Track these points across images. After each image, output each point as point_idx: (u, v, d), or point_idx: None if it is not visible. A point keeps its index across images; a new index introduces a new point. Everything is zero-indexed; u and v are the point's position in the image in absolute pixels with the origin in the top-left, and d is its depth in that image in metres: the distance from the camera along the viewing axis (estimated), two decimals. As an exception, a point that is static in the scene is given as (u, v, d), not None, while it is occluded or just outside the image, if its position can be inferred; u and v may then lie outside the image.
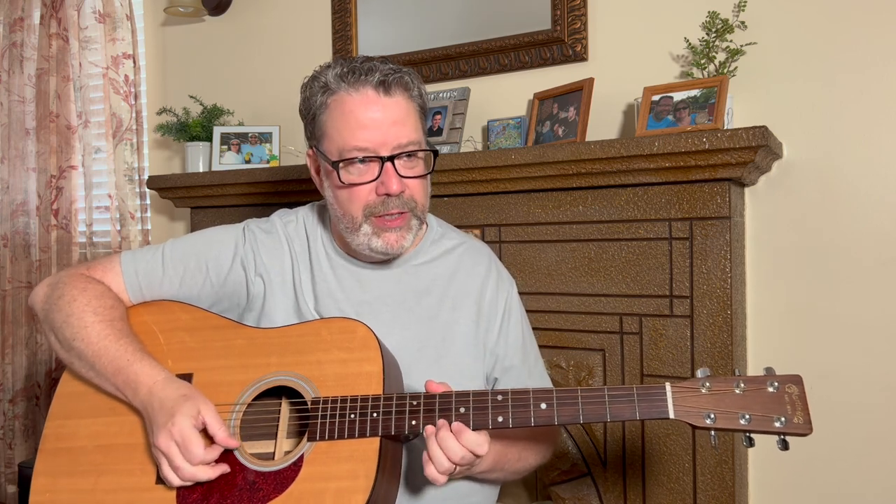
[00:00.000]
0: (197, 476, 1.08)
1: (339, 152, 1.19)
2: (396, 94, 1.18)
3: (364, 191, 1.19)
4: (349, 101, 1.18)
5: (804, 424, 0.97)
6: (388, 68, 1.18)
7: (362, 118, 1.17)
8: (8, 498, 2.97)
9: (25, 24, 2.95)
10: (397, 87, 1.18)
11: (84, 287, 1.25)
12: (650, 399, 1.01)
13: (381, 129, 1.17)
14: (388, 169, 1.17)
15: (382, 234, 1.21)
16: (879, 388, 1.76)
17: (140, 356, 1.18)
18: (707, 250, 1.71)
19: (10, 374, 2.98)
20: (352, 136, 1.17)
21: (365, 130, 1.17)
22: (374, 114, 1.17)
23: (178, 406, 1.10)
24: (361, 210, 1.20)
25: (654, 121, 1.79)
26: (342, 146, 1.18)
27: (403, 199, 1.19)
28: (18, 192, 2.99)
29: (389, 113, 1.18)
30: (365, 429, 1.08)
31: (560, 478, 1.91)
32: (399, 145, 1.18)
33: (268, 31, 2.64)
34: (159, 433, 1.09)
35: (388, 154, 1.17)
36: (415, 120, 1.21)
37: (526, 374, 1.34)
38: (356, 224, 1.21)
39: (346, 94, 1.18)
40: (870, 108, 1.76)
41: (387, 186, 1.17)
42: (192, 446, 1.07)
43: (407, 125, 1.19)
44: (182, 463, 1.07)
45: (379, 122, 1.17)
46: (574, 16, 2.06)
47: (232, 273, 1.30)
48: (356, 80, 1.17)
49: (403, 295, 1.29)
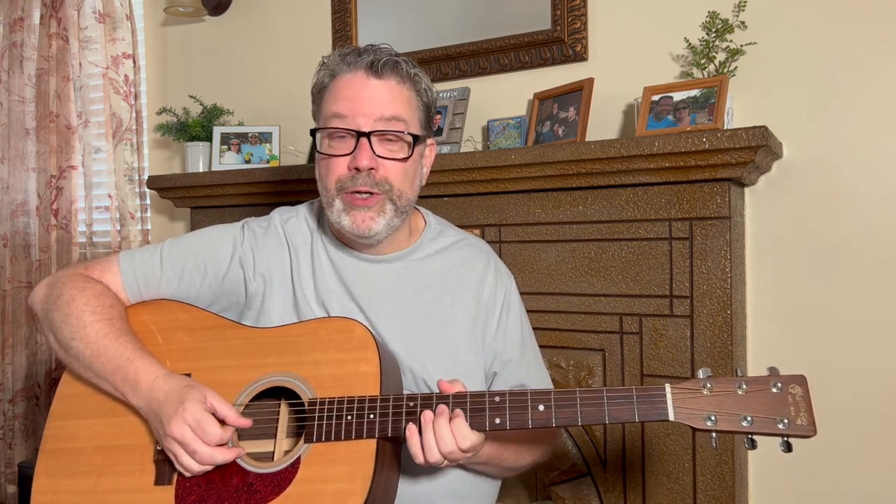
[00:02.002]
0: (215, 458, 1.08)
1: (322, 121, 1.23)
2: (388, 76, 1.21)
3: (339, 163, 1.21)
4: (342, 79, 1.22)
5: (808, 426, 0.95)
6: (387, 55, 1.21)
7: (347, 89, 1.21)
8: (8, 498, 2.97)
9: (25, 24, 2.95)
10: (390, 72, 1.21)
11: (83, 286, 1.25)
12: (650, 401, 1.00)
13: (363, 101, 1.19)
14: (363, 143, 1.18)
15: (351, 212, 1.21)
16: (880, 388, 1.75)
17: (139, 354, 1.18)
18: (707, 250, 1.71)
19: (10, 374, 2.98)
20: (333, 103, 1.21)
21: (346, 100, 1.20)
22: (360, 87, 1.20)
23: (185, 393, 1.10)
24: (334, 183, 1.21)
25: (654, 121, 1.79)
26: (325, 114, 1.22)
27: (374, 178, 1.19)
28: (18, 192, 2.99)
29: (376, 91, 1.20)
30: (362, 430, 1.08)
31: (560, 478, 1.91)
32: (382, 118, 1.19)
33: (268, 31, 2.63)
34: (171, 422, 1.08)
35: (367, 130, 1.19)
36: (404, 104, 1.22)
37: (525, 369, 1.34)
38: (330, 198, 1.22)
39: (342, 73, 1.22)
40: (870, 108, 1.76)
41: (357, 160, 1.18)
42: (208, 426, 1.07)
43: (393, 104, 1.20)
44: (199, 446, 1.07)
45: (360, 94, 1.20)
46: (574, 16, 2.05)
47: (230, 272, 1.30)
48: (353, 60, 1.21)
49: (402, 290, 1.28)
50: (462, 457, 1.06)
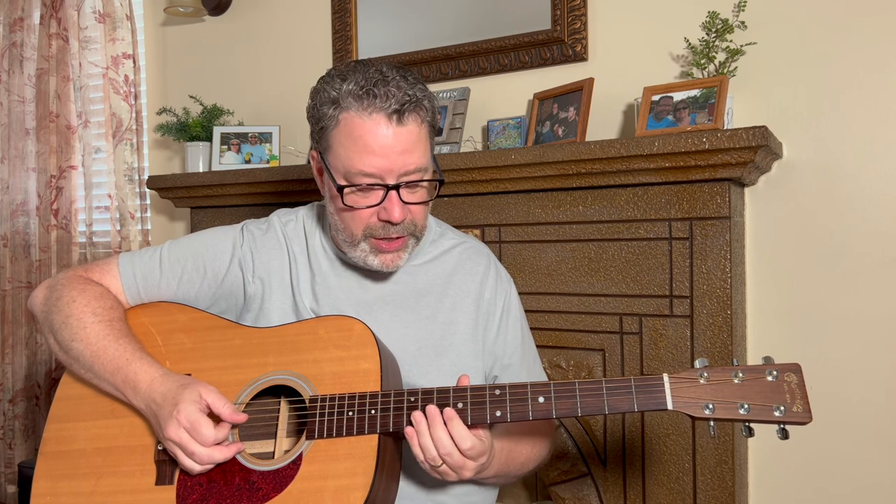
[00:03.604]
0: (214, 457, 1.08)
1: (346, 174, 1.16)
2: (410, 122, 1.15)
3: (366, 213, 1.18)
4: (360, 126, 1.14)
5: (804, 413, 0.97)
6: (403, 95, 1.14)
7: (372, 144, 1.13)
8: (8, 498, 2.97)
9: (25, 24, 2.95)
10: (411, 115, 1.15)
11: (83, 288, 1.25)
12: (648, 390, 1.01)
13: (390, 157, 1.14)
14: (393, 197, 1.16)
15: (379, 255, 1.21)
16: (880, 387, 1.76)
17: (139, 355, 1.18)
18: (707, 250, 1.71)
19: (10, 374, 2.98)
20: (359, 161, 1.14)
21: (373, 157, 1.14)
22: (385, 141, 1.13)
23: (180, 394, 1.10)
24: (362, 230, 1.20)
25: (654, 121, 1.79)
26: (349, 168, 1.16)
27: (404, 224, 1.19)
28: (18, 192, 2.99)
29: (400, 141, 1.14)
30: (363, 426, 1.08)
31: (560, 478, 1.91)
32: (406, 172, 1.16)
33: (268, 31, 2.64)
34: (167, 425, 1.09)
35: (393, 182, 1.15)
36: (424, 146, 1.18)
37: (525, 372, 1.35)
38: (355, 241, 1.21)
39: (358, 116, 1.14)
40: (870, 107, 1.76)
41: (389, 213, 1.16)
42: (202, 427, 1.07)
43: (416, 152, 1.16)
44: (196, 447, 1.07)
45: (388, 151, 1.14)
46: (574, 16, 2.06)
47: (229, 274, 1.30)
48: (371, 104, 1.13)
49: (403, 294, 1.29)
50: (463, 462, 1.05)
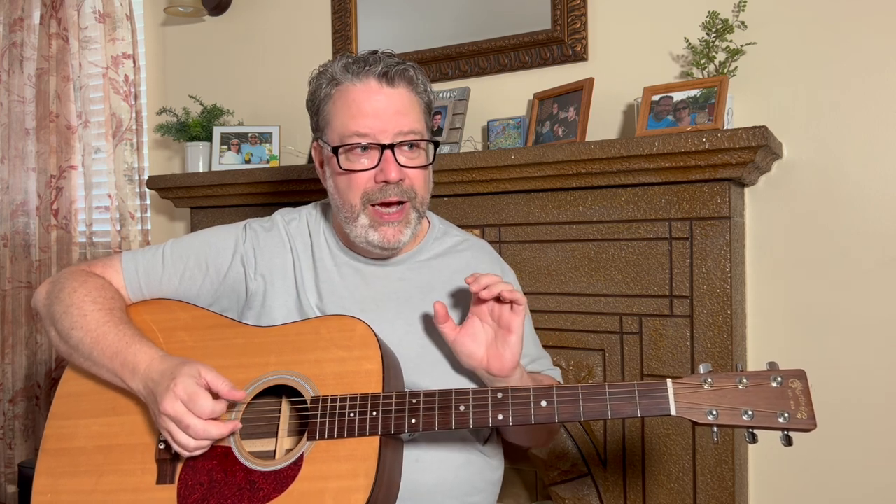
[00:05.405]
0: (210, 432, 1.06)
1: (340, 138, 1.21)
2: (400, 85, 1.20)
3: (363, 178, 1.20)
4: (353, 91, 1.20)
5: (808, 420, 0.96)
6: (392, 61, 1.21)
7: (364, 106, 1.19)
8: (8, 498, 2.97)
9: (25, 24, 2.95)
10: (401, 79, 1.20)
11: (84, 280, 1.26)
12: (651, 396, 1.01)
13: (383, 116, 1.18)
14: (388, 156, 1.18)
15: (380, 228, 1.22)
16: (880, 388, 1.76)
17: (138, 339, 1.18)
18: (707, 250, 1.71)
19: (10, 374, 2.98)
20: (353, 122, 1.19)
21: (366, 117, 1.18)
22: (377, 102, 1.19)
23: (179, 369, 1.09)
24: (360, 197, 1.21)
25: (654, 121, 1.79)
26: (343, 132, 1.20)
27: (402, 187, 1.20)
28: (18, 192, 2.98)
29: (392, 102, 1.19)
30: (365, 427, 1.08)
31: (560, 478, 1.91)
32: (400, 132, 1.19)
33: (268, 31, 2.64)
34: (164, 398, 1.07)
35: (388, 142, 1.18)
36: (417, 112, 1.23)
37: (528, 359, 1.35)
38: (354, 213, 1.22)
39: (351, 83, 1.20)
40: (870, 107, 1.76)
41: (386, 173, 1.18)
42: (200, 398, 1.06)
43: (409, 115, 1.21)
44: (192, 420, 1.06)
45: (380, 111, 1.19)
46: (574, 16, 2.06)
47: (231, 271, 1.30)
48: (360, 69, 1.20)
49: (407, 291, 1.29)
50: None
